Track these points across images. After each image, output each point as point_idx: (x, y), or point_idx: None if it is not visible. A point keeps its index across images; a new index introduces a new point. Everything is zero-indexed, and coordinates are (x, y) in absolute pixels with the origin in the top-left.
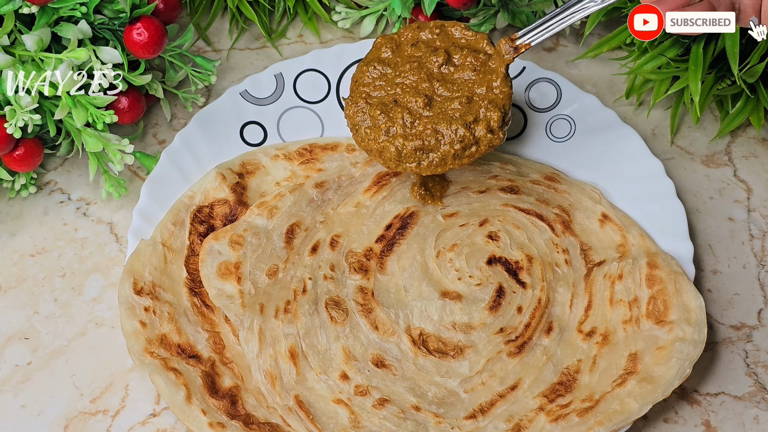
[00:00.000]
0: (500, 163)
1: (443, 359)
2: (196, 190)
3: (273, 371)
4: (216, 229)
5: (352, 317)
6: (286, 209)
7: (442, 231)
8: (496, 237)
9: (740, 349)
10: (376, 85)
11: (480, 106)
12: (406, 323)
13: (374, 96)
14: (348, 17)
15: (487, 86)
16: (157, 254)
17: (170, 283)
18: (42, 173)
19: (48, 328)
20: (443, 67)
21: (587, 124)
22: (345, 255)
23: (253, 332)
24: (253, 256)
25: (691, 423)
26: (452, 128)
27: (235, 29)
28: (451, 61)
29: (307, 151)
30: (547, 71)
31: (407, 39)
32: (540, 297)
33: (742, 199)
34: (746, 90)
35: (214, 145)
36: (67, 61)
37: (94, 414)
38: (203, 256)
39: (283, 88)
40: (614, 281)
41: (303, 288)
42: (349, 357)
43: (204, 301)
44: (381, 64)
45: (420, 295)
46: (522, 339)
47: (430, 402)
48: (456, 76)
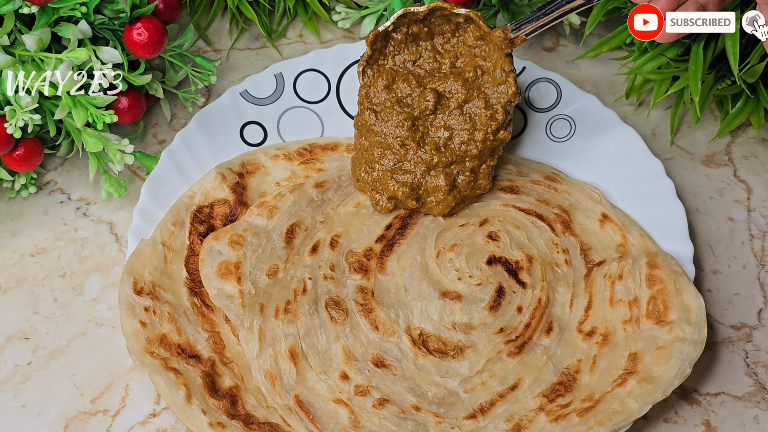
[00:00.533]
0: (500, 163)
1: (443, 359)
2: (196, 190)
3: (273, 371)
4: (216, 229)
5: (352, 317)
6: (286, 209)
7: (442, 231)
8: (496, 237)
9: (740, 349)
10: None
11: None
12: (406, 323)
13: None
14: (348, 17)
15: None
16: (157, 254)
17: (170, 283)
18: (42, 173)
19: (48, 328)
20: (434, 116)
21: (587, 124)
22: (345, 255)
23: (253, 332)
24: (253, 256)
25: (691, 423)
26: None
27: (235, 29)
28: (441, 102)
29: (307, 151)
30: (547, 71)
31: (399, 65)
32: (540, 297)
33: (742, 199)
34: (746, 90)
35: (214, 145)
36: (67, 61)
37: (94, 414)
38: (203, 256)
39: (283, 88)
40: (614, 281)
41: (303, 288)
42: (349, 357)
43: (204, 301)
44: (373, 113)
45: (420, 295)
46: (522, 339)
47: (430, 402)
48: (449, 120)
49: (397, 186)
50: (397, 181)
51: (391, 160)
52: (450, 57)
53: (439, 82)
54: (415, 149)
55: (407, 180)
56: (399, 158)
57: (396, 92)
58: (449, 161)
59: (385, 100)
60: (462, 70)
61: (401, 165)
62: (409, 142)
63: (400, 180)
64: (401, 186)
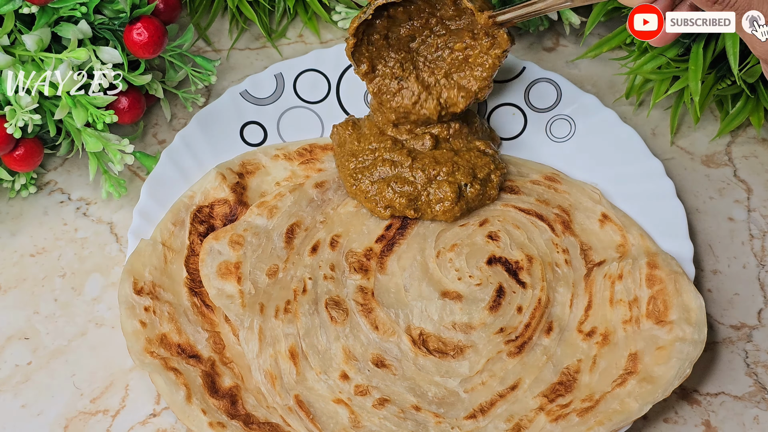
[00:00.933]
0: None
1: (443, 359)
2: (196, 190)
3: (273, 371)
4: (216, 229)
5: (352, 317)
6: (286, 209)
7: (442, 231)
8: (496, 237)
9: (740, 349)
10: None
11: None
12: (406, 323)
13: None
14: (348, 17)
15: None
16: (157, 254)
17: (170, 283)
18: (42, 173)
19: (48, 328)
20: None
21: (587, 124)
22: (345, 255)
23: (253, 332)
24: (253, 256)
25: (691, 423)
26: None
27: (235, 29)
28: (438, 144)
29: (307, 151)
30: (547, 71)
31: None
32: (540, 297)
33: (742, 199)
34: (746, 90)
35: (214, 145)
36: (67, 61)
37: (94, 414)
38: (203, 256)
39: (283, 88)
40: (614, 281)
41: (303, 288)
42: (349, 357)
43: (204, 300)
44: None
45: (420, 295)
46: (522, 339)
47: (430, 402)
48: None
49: (395, 196)
50: (395, 191)
51: (390, 172)
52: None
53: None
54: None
55: (406, 191)
56: (398, 168)
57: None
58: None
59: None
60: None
61: (401, 174)
62: (405, 157)
63: (398, 191)
64: (399, 196)
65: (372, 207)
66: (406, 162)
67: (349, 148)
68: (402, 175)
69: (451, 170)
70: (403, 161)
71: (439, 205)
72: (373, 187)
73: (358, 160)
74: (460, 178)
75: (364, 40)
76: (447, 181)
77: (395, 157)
